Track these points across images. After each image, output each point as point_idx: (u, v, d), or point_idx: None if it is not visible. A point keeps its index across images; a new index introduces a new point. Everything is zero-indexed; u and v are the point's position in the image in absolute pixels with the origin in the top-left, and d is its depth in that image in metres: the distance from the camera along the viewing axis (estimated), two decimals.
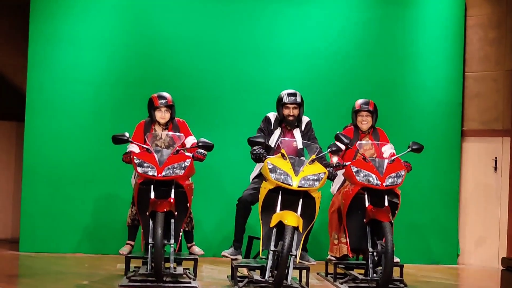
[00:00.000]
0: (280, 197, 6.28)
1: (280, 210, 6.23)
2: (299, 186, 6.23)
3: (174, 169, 6.50)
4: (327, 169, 6.60)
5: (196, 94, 8.78)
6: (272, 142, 6.89)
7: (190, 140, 7.03)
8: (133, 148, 6.90)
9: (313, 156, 6.47)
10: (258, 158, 6.58)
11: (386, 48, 9.14)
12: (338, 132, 7.03)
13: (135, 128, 7.12)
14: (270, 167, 6.31)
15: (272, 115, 7.10)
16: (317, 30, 9.05)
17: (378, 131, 7.44)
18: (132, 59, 8.78)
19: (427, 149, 8.76)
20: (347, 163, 6.91)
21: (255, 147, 6.61)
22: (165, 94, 7.12)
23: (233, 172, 8.56)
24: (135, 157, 6.55)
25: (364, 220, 6.70)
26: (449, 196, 9.16)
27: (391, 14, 9.16)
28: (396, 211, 6.89)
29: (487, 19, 9.16)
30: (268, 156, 6.53)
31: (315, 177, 6.29)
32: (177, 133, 6.95)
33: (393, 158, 6.89)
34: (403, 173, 6.81)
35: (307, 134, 7.06)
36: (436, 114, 9.18)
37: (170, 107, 7.06)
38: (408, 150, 7.07)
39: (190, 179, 6.84)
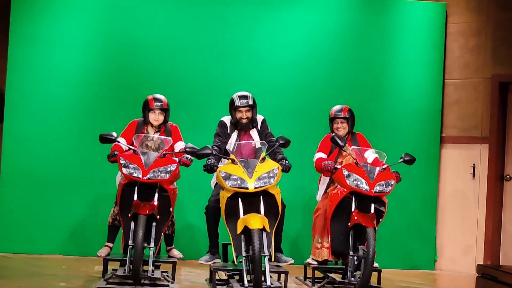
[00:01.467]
0: (240, 202, 6.29)
1: (244, 214, 6.24)
2: (255, 187, 6.25)
3: (160, 173, 6.49)
4: (281, 162, 6.62)
5: (179, 97, 8.73)
6: (231, 145, 6.88)
7: (179, 145, 7.03)
8: (120, 141, 6.87)
9: (263, 154, 6.50)
10: (210, 169, 6.60)
11: (366, 55, 9.17)
12: (333, 134, 7.09)
13: (127, 125, 7.12)
14: (223, 175, 6.32)
15: (227, 119, 7.11)
16: (298, 36, 9.06)
17: (357, 136, 7.47)
18: (114, 60, 8.74)
19: None
20: (339, 166, 6.95)
21: (208, 159, 6.61)
22: (161, 96, 7.12)
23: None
24: (121, 158, 6.54)
25: (349, 224, 6.72)
26: (428, 202, 9.22)
27: (371, 21, 9.19)
28: (380, 220, 6.91)
29: (468, 27, 9.23)
30: (218, 166, 6.53)
31: (270, 174, 6.32)
32: (168, 137, 6.94)
33: (384, 167, 6.91)
34: (392, 183, 6.84)
35: (264, 133, 7.08)
36: (416, 120, 9.24)
37: (164, 110, 7.07)
38: (400, 160, 7.12)
39: (175, 183, 6.83)
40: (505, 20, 8.94)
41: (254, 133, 7.05)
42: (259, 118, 7.12)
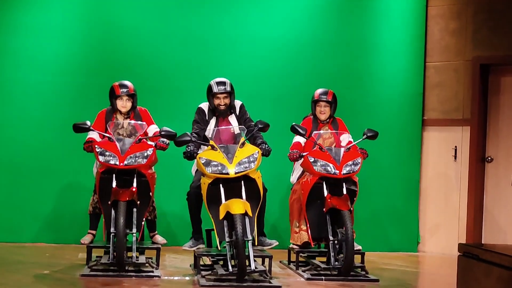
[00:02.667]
0: (221, 188, 6.29)
1: (225, 200, 6.25)
2: (236, 173, 6.27)
3: (137, 158, 6.47)
4: (260, 146, 6.63)
5: (158, 84, 8.71)
6: (209, 132, 6.87)
7: (153, 129, 6.99)
8: (93, 135, 6.83)
9: (243, 139, 6.51)
10: (190, 156, 6.59)
11: (347, 38, 9.16)
12: (293, 123, 7.07)
13: (96, 116, 7.06)
14: (203, 161, 6.33)
15: (205, 105, 7.07)
16: (277, 19, 9.03)
17: (337, 120, 7.50)
18: (92, 47, 8.66)
19: (388, 138, 8.91)
20: (304, 154, 6.96)
21: (187, 146, 6.60)
22: (127, 82, 7.05)
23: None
24: (96, 146, 6.50)
25: (324, 209, 6.76)
26: (410, 185, 9.26)
27: (352, 4, 9.17)
28: (354, 198, 6.98)
29: (448, 10, 9.25)
30: (198, 152, 6.52)
31: (250, 159, 6.35)
32: (139, 122, 6.91)
33: (349, 146, 6.97)
34: (359, 161, 6.90)
35: (243, 118, 7.07)
36: (397, 103, 9.26)
37: (131, 96, 7.00)
38: (364, 137, 7.17)
39: (152, 168, 6.80)
40: (485, 2, 8.97)
41: (232, 118, 7.03)
42: (237, 103, 7.10)
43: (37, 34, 8.57)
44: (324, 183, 6.81)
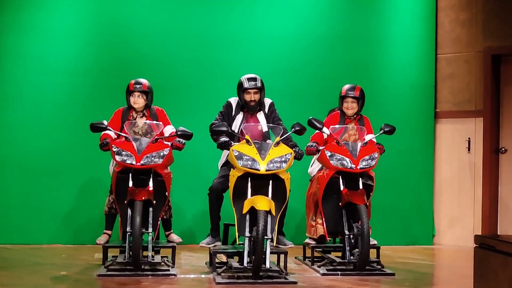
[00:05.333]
0: (249, 183, 6.30)
1: (251, 195, 6.26)
2: (266, 170, 6.25)
3: (153, 158, 6.49)
4: (294, 149, 6.63)
5: (170, 82, 8.74)
6: (235, 127, 6.88)
7: (169, 129, 7.01)
8: (109, 133, 6.86)
9: (278, 138, 6.50)
10: (225, 146, 6.61)
11: (358, 31, 9.16)
12: (310, 117, 7.04)
13: (113, 114, 7.09)
14: (236, 154, 6.32)
15: (234, 100, 7.08)
16: (288, 14, 9.04)
17: (364, 118, 7.40)
18: (102, 47, 8.70)
19: (401, 132, 8.85)
20: (321, 148, 6.94)
21: (220, 136, 6.61)
22: (143, 80, 7.08)
23: (211, 159, 8.50)
24: (113, 145, 6.52)
25: (340, 204, 6.75)
26: (424, 178, 9.24)
27: None
28: (371, 193, 6.95)
29: (458, 1, 9.21)
30: (233, 144, 6.53)
31: (282, 159, 6.33)
32: (155, 122, 6.93)
33: (365, 141, 6.94)
34: (376, 156, 6.87)
35: (271, 116, 7.06)
36: (409, 96, 9.24)
37: (145, 93, 7.02)
38: (381, 132, 7.13)
39: (168, 168, 6.82)
40: None
41: (261, 116, 7.02)
42: (267, 101, 7.10)
43: (47, 35, 8.61)
44: (340, 177, 6.80)
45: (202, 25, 8.88)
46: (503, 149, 8.96)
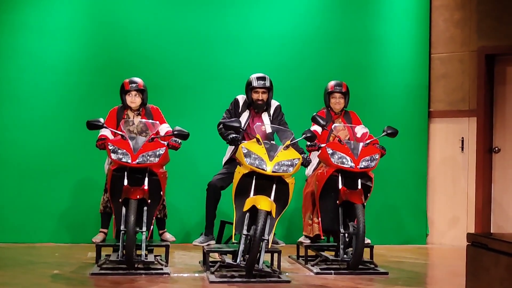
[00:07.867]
0: (254, 181, 6.29)
1: (254, 194, 6.25)
2: (273, 171, 6.24)
3: (149, 157, 6.48)
4: (302, 155, 6.63)
5: (166, 81, 8.73)
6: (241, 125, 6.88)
7: (164, 128, 7.01)
8: (106, 132, 6.86)
9: (288, 142, 6.49)
10: (234, 142, 6.60)
11: (351, 32, 9.16)
12: (314, 114, 7.07)
13: (108, 113, 7.09)
14: (245, 151, 6.31)
15: (241, 98, 7.09)
16: (283, 13, 9.05)
17: (350, 113, 7.48)
18: (98, 47, 8.69)
19: None
20: (323, 145, 6.96)
21: (230, 132, 6.61)
22: (137, 79, 7.09)
23: (207, 159, 8.53)
24: (109, 144, 6.52)
25: (337, 202, 6.76)
26: (417, 177, 9.26)
27: None
28: (368, 194, 6.95)
29: (452, 1, 9.23)
30: (243, 141, 6.53)
31: (290, 163, 6.31)
32: (151, 120, 6.93)
33: (367, 141, 6.95)
34: (377, 157, 6.89)
35: (277, 119, 7.08)
36: (403, 96, 9.25)
37: (141, 91, 7.03)
38: (383, 134, 7.16)
39: (164, 167, 6.82)
40: None
41: (265, 116, 7.03)
42: (274, 103, 7.11)
43: (42, 34, 8.60)
44: (339, 175, 6.81)
45: (198, 25, 8.87)
46: (496, 148, 8.98)
